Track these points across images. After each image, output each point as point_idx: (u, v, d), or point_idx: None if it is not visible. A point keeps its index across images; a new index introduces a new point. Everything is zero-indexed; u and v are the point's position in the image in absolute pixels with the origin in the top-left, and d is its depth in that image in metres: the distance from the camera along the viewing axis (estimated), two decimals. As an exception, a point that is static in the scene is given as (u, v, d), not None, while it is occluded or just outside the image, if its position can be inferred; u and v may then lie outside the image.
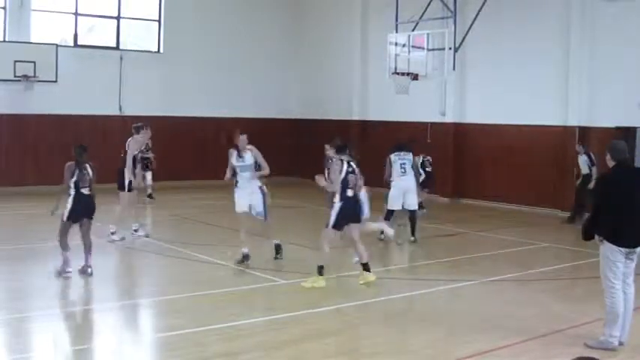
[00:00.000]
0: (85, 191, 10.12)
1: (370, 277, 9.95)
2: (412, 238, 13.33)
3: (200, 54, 22.46)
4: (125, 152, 13.07)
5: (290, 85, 24.49)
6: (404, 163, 13.13)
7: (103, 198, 17.22)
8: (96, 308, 8.63)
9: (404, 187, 13.12)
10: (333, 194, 9.95)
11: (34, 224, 12.49)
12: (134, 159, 13.02)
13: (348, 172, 9.81)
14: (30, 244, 12.14)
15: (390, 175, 13.17)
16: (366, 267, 9.97)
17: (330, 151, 11.74)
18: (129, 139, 13.20)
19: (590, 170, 15.70)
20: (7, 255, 11.51)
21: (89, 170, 10.17)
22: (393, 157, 13.20)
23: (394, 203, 13.17)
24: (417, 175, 13.47)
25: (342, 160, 9.90)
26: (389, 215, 13.14)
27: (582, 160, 16.00)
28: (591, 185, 14.61)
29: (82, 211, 10.17)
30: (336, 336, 7.68)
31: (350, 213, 9.85)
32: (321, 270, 9.71)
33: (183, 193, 19.97)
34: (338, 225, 9.82)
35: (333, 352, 7.09)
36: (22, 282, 10.17)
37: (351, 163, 9.93)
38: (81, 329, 8.15)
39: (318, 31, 24.05)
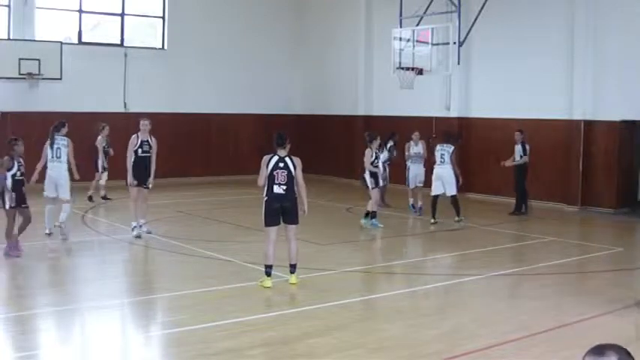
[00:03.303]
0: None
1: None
2: (456, 219, 14.84)
3: (204, 50, 22.49)
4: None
5: (294, 80, 24.50)
6: (443, 154, 14.76)
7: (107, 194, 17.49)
8: (101, 305, 8.64)
9: (438, 175, 14.80)
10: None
11: (40, 222, 12.48)
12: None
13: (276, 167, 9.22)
14: (34, 242, 12.11)
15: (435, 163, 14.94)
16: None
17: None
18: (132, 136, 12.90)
19: (521, 158, 16.33)
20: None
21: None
22: (438, 146, 14.97)
23: (434, 189, 14.87)
24: (453, 165, 14.80)
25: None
26: (434, 200, 14.85)
27: (517, 149, 16.42)
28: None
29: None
30: (342, 331, 7.67)
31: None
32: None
33: (188, 190, 19.99)
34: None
35: (340, 347, 7.08)
36: (27, 279, 10.25)
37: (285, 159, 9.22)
38: (87, 325, 8.17)
39: (322, 26, 24.04)
